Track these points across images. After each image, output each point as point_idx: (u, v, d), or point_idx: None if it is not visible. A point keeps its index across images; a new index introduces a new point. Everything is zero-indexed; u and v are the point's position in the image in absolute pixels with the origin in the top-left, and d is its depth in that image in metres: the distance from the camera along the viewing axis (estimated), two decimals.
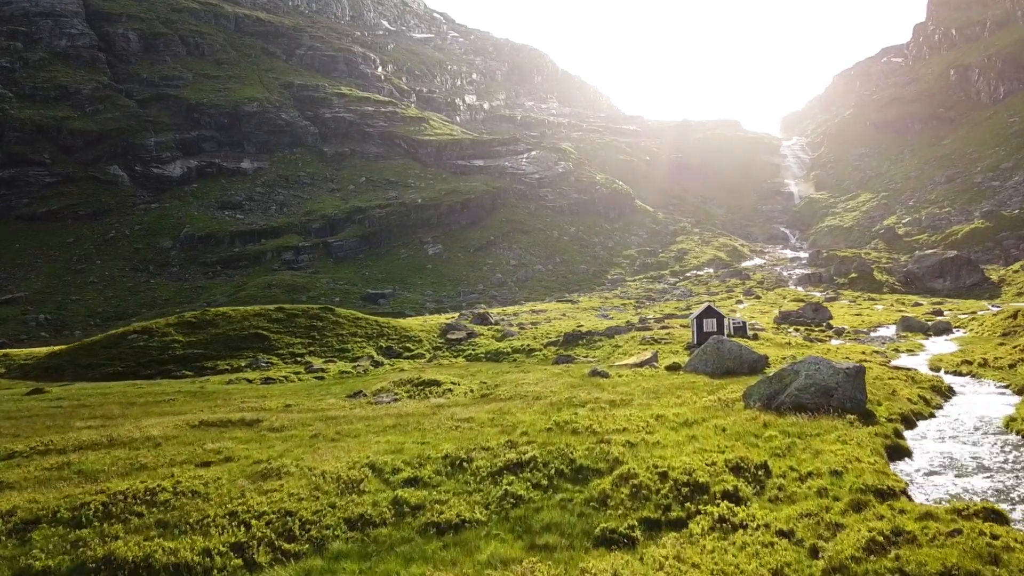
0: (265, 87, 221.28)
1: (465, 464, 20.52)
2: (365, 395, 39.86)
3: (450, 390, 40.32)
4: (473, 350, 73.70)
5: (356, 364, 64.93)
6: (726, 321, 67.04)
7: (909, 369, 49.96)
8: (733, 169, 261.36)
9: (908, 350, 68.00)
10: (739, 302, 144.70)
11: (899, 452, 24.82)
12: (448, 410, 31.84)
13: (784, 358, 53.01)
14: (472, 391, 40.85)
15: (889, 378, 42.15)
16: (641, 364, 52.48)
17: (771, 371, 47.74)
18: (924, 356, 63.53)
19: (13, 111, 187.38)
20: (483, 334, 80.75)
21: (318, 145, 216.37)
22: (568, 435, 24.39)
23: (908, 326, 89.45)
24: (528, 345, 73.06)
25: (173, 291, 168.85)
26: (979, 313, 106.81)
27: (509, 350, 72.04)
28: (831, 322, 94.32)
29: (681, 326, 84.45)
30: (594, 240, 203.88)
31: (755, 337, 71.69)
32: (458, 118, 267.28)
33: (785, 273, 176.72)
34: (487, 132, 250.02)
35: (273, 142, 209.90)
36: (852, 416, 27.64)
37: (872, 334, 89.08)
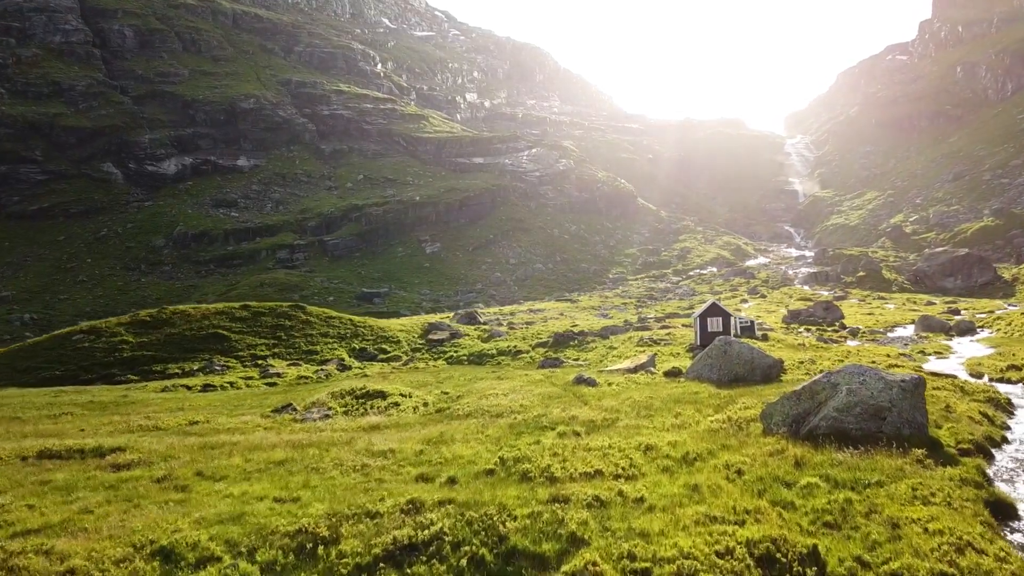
0: (262, 84, 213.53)
1: (325, 547, 12.43)
2: (295, 410, 31.90)
3: (396, 404, 32.32)
4: (455, 352, 65.64)
5: (321, 368, 56.93)
6: (733, 320, 58.76)
7: (951, 376, 41.70)
8: (736, 167, 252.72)
9: (936, 352, 59.61)
10: (744, 301, 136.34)
11: (1000, 510, 16.48)
12: (374, 436, 23.94)
13: (801, 362, 44.77)
14: (426, 405, 32.88)
15: (935, 388, 33.69)
16: (636, 369, 44.25)
17: (788, 378, 39.48)
18: (957, 359, 55.25)
19: (5, 107, 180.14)
20: (469, 334, 72.68)
21: (315, 142, 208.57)
22: (513, 484, 16.57)
23: (928, 326, 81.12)
24: (515, 347, 64.97)
25: (164, 290, 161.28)
26: (998, 312, 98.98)
27: (494, 352, 63.99)
28: (844, 322, 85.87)
29: (683, 326, 76.33)
30: (595, 239, 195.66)
31: (764, 338, 63.45)
32: (459, 116, 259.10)
33: (791, 272, 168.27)
34: (488, 130, 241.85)
35: (270, 139, 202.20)
36: (917, 449, 19.36)
37: (890, 334, 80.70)
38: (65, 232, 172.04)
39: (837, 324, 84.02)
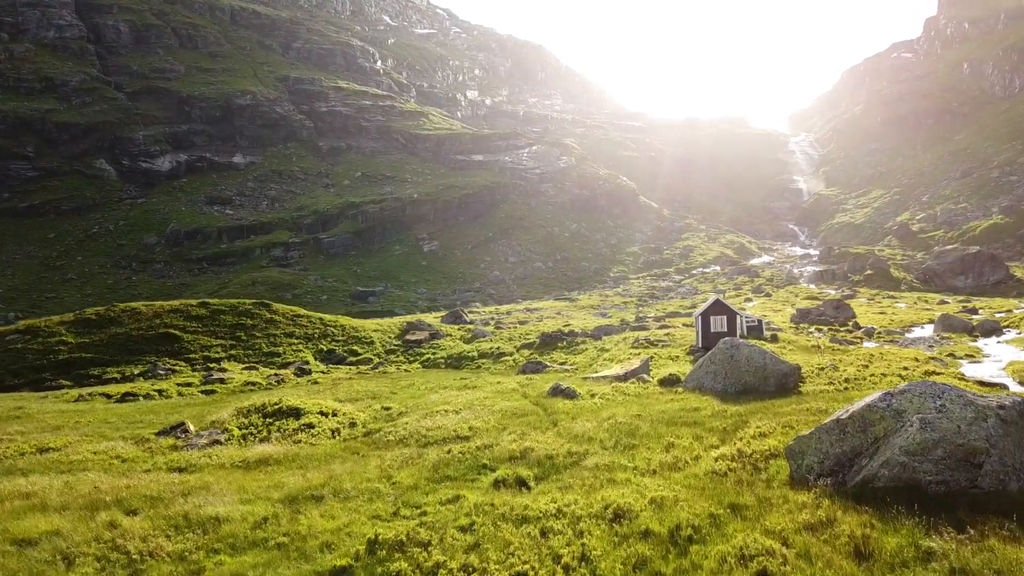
0: (259, 80, 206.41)
1: None
2: (186, 432, 24.72)
3: (310, 426, 25.08)
4: (433, 354, 58.38)
5: (277, 373, 49.63)
6: (738, 319, 51.30)
7: (1000, 385, 34.31)
8: (740, 166, 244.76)
9: (968, 355, 51.98)
10: (748, 300, 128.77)
11: None
12: (238, 480, 16.28)
13: (821, 369, 37.25)
14: (353, 425, 25.71)
15: None
16: (626, 376, 36.75)
17: (808, 388, 31.93)
18: (994, 364, 47.84)
19: None
20: (451, 334, 65.36)
21: (313, 139, 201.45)
22: None
23: (949, 325, 73.44)
24: (498, 348, 57.66)
25: (154, 289, 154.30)
26: (1017, 312, 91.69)
27: (475, 354, 56.72)
28: (857, 321, 78.11)
29: (684, 325, 68.94)
30: (596, 237, 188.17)
31: (773, 338, 55.94)
32: (459, 113, 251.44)
33: (796, 271, 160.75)
34: (489, 128, 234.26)
35: (266, 136, 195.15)
36: None
37: (908, 335, 73.07)
38: (56, 229, 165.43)
39: (851, 324, 76.45)
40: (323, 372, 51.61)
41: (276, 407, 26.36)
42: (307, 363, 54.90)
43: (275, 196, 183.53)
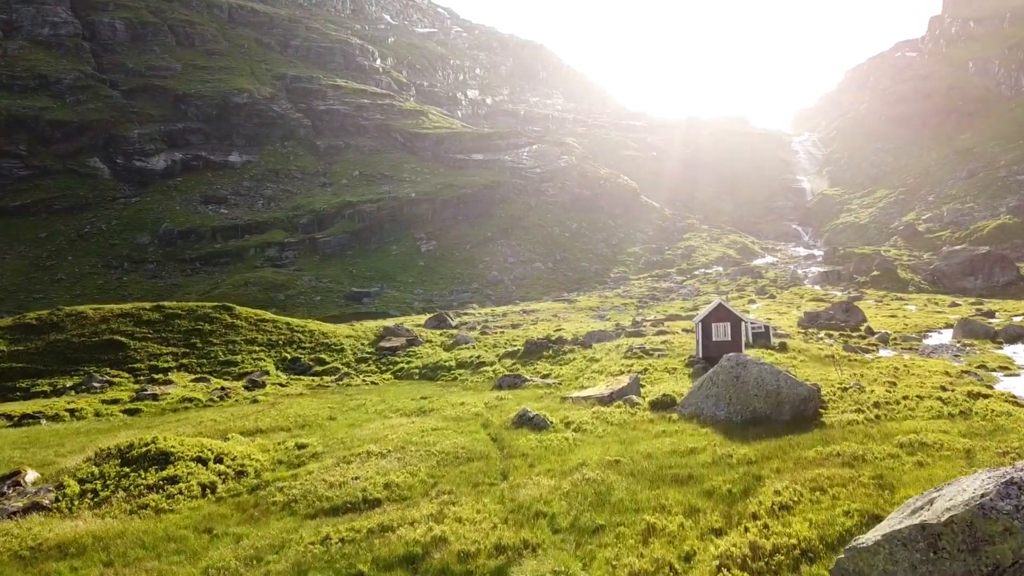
0: (257, 79, 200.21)
1: None
2: (17, 486, 18.23)
3: (174, 479, 19.03)
4: (407, 363, 52.20)
5: (224, 387, 43.23)
6: (744, 326, 44.69)
7: None
8: (743, 165, 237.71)
9: (1002, 367, 45.59)
10: (752, 302, 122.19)
11: None
12: None
13: (843, 389, 30.87)
14: (243, 474, 19.54)
15: None
16: (611, 397, 30.31)
17: (831, 418, 25.71)
18: None
19: None
20: (431, 340, 59.07)
21: (311, 138, 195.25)
22: None
23: (970, 331, 66.97)
24: (478, 357, 51.40)
25: (145, 289, 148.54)
26: None
27: (452, 364, 50.49)
28: (870, 326, 71.41)
29: (684, 331, 62.51)
30: (597, 237, 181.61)
31: (782, 347, 49.46)
32: (459, 112, 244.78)
33: (800, 271, 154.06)
34: (489, 127, 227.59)
35: (263, 135, 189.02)
36: None
37: (926, 341, 66.46)
38: (47, 229, 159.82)
39: (863, 329, 69.91)
40: (280, 384, 45.33)
41: (144, 450, 19.94)
42: (267, 373, 48.63)
43: (271, 195, 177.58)
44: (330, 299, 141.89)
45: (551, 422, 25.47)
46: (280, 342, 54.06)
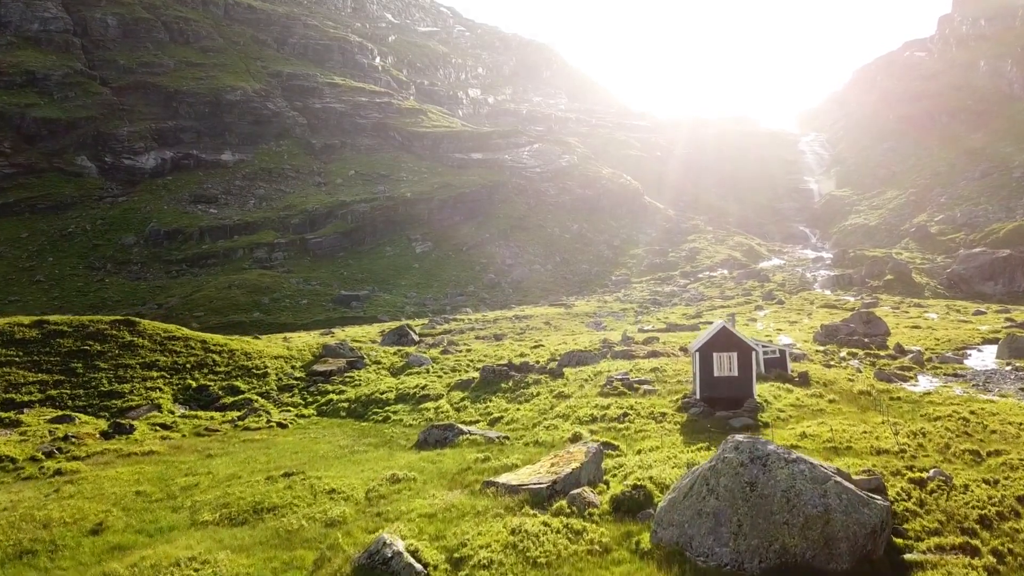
0: (252, 76, 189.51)
1: None
2: None
3: None
4: (338, 394, 41.50)
5: (69, 435, 31.96)
6: (755, 356, 33.07)
7: None
8: (748, 166, 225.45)
9: None
10: (759, 308, 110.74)
11: None
12: None
13: (919, 482, 18.91)
14: None
15: None
16: (554, 492, 18.81)
17: (918, 557, 13.40)
18: None
19: None
20: (379, 361, 48.26)
21: (306, 137, 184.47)
22: None
23: (1019, 350, 55.37)
24: (424, 388, 40.43)
25: (127, 291, 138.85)
26: None
27: (391, 396, 39.63)
28: (899, 343, 59.56)
29: (682, 349, 51.03)
30: (598, 238, 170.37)
31: (803, 380, 38.05)
32: (460, 112, 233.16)
33: (809, 275, 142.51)
34: (490, 126, 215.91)
35: (257, 133, 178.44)
36: None
37: (968, 362, 54.90)
38: (29, 229, 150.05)
39: (891, 347, 58.34)
40: (159, 426, 34.37)
41: None
42: (156, 409, 37.69)
43: (263, 195, 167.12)
44: (317, 303, 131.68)
45: (425, 567, 14.12)
46: (188, 365, 43.17)
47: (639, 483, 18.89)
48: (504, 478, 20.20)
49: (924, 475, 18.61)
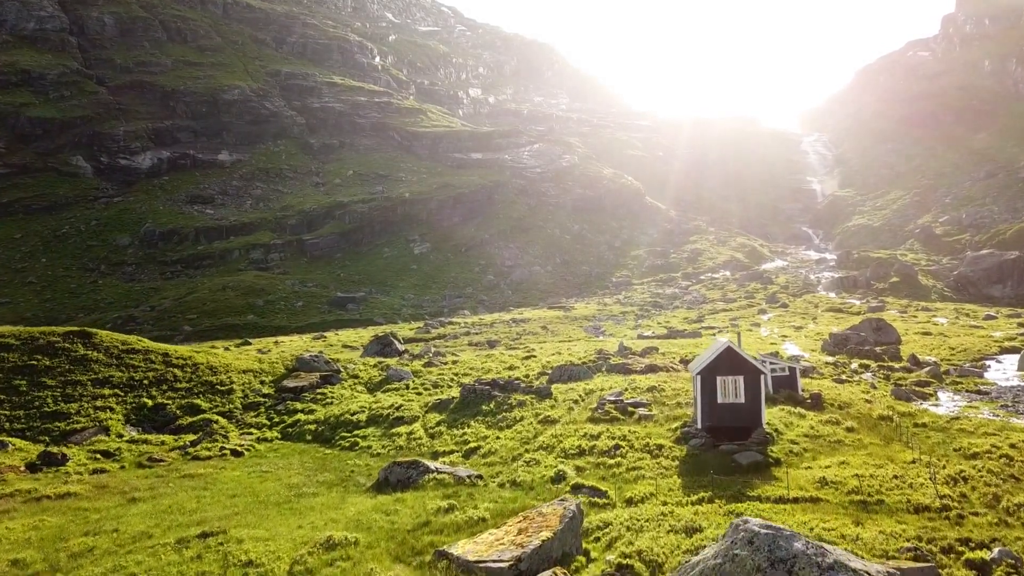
0: (250, 75, 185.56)
1: None
2: None
3: None
4: (306, 414, 37.71)
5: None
6: (763, 380, 28.91)
7: None
8: (751, 166, 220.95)
9: None
10: (762, 312, 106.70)
11: None
12: None
13: (979, 566, 14.34)
14: None
15: None
16: (517, 573, 14.58)
17: None
18: None
19: None
20: (357, 375, 44.41)
21: (304, 136, 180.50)
22: None
23: None
24: (400, 408, 36.67)
25: (120, 293, 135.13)
26: None
27: (363, 418, 35.83)
28: (915, 354, 55.30)
29: (682, 361, 46.97)
30: (599, 239, 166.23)
31: (815, 402, 34.07)
32: (461, 112, 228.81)
33: (813, 276, 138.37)
34: (491, 126, 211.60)
35: (255, 133, 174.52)
36: None
37: (988, 375, 50.88)
38: (23, 229, 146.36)
39: (906, 358, 54.08)
40: (101, 454, 30.46)
41: None
42: (104, 431, 33.80)
43: (261, 195, 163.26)
44: (313, 305, 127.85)
45: None
46: (146, 382, 39.27)
47: (626, 562, 14.87)
48: (461, 548, 16.19)
49: (985, 555, 14.57)
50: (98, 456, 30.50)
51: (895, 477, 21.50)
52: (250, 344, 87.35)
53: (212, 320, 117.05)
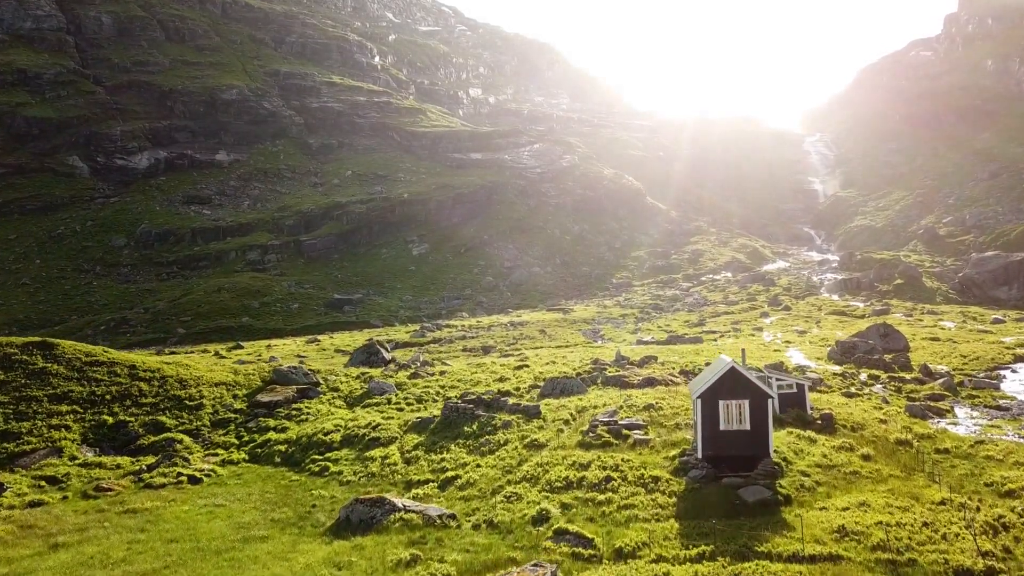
0: (248, 75, 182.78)
1: None
2: None
3: None
4: (278, 432, 34.94)
5: None
6: (772, 401, 25.95)
7: None
8: (752, 166, 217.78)
9: None
10: (764, 315, 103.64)
11: None
12: None
13: None
14: None
15: None
16: None
17: None
18: None
19: None
20: (337, 388, 41.80)
21: (303, 136, 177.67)
22: None
23: None
24: (377, 427, 33.95)
25: (115, 295, 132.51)
26: None
27: (337, 439, 33.21)
28: (927, 364, 52.21)
29: (681, 373, 44.04)
30: (599, 240, 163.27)
31: (826, 424, 31.10)
32: (461, 111, 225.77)
33: (815, 278, 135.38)
34: (491, 126, 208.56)
35: (254, 133, 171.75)
36: None
37: (1005, 387, 48.01)
38: (18, 230, 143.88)
39: (918, 370, 50.89)
40: (48, 481, 27.66)
41: None
42: (57, 453, 30.92)
43: (258, 196, 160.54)
44: (309, 307, 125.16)
45: None
46: (108, 397, 36.43)
47: None
48: None
49: None
50: (42, 483, 27.65)
51: (925, 525, 18.52)
52: (242, 347, 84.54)
53: (206, 322, 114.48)
